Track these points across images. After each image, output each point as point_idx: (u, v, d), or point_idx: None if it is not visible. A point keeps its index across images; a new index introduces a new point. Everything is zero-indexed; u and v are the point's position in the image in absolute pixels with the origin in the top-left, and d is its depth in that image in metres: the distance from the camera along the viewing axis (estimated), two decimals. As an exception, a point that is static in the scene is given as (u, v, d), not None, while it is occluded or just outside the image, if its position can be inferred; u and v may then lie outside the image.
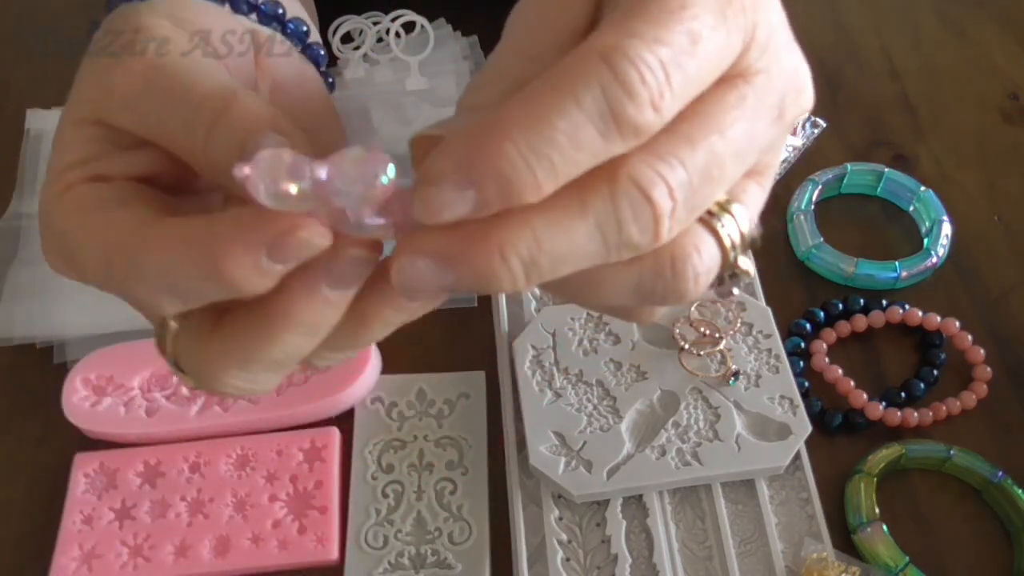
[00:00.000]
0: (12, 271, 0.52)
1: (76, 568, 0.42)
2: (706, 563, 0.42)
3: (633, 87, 0.21)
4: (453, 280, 0.21)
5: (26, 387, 0.49)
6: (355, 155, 0.21)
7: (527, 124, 0.20)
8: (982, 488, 0.45)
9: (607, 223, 0.22)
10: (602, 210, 0.22)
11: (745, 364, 0.46)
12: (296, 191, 0.21)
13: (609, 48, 0.21)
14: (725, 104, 0.23)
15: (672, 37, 0.21)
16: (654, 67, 0.21)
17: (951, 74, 0.63)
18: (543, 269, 0.22)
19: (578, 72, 0.21)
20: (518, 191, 0.20)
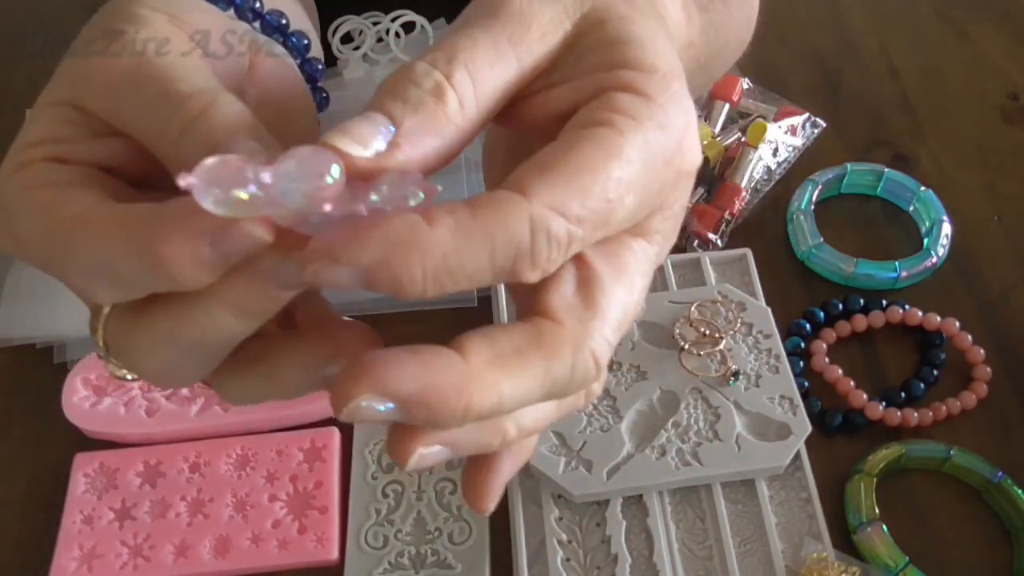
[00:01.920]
0: (12, 271, 0.52)
1: (76, 568, 0.42)
2: (706, 563, 0.42)
3: (539, 260, 0.22)
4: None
5: (26, 387, 0.49)
6: (301, 154, 0.21)
7: (439, 258, 0.21)
8: (982, 488, 0.45)
9: (559, 384, 0.24)
10: (560, 374, 0.24)
11: (745, 364, 0.46)
12: (245, 197, 0.21)
13: (539, 220, 0.22)
14: (634, 260, 0.25)
15: (592, 217, 0.23)
16: (563, 245, 0.22)
17: (951, 74, 0.63)
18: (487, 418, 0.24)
19: (506, 230, 0.22)
20: (404, 294, 0.21)
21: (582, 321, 0.24)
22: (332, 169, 0.21)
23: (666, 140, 0.24)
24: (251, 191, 0.21)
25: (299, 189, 0.21)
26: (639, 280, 0.25)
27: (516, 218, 0.22)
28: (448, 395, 0.22)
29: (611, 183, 0.23)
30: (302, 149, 0.21)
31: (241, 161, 0.21)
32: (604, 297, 0.24)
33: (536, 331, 0.23)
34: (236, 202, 0.21)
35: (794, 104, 0.60)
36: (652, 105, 0.23)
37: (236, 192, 0.21)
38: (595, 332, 0.24)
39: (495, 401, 0.23)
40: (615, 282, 0.25)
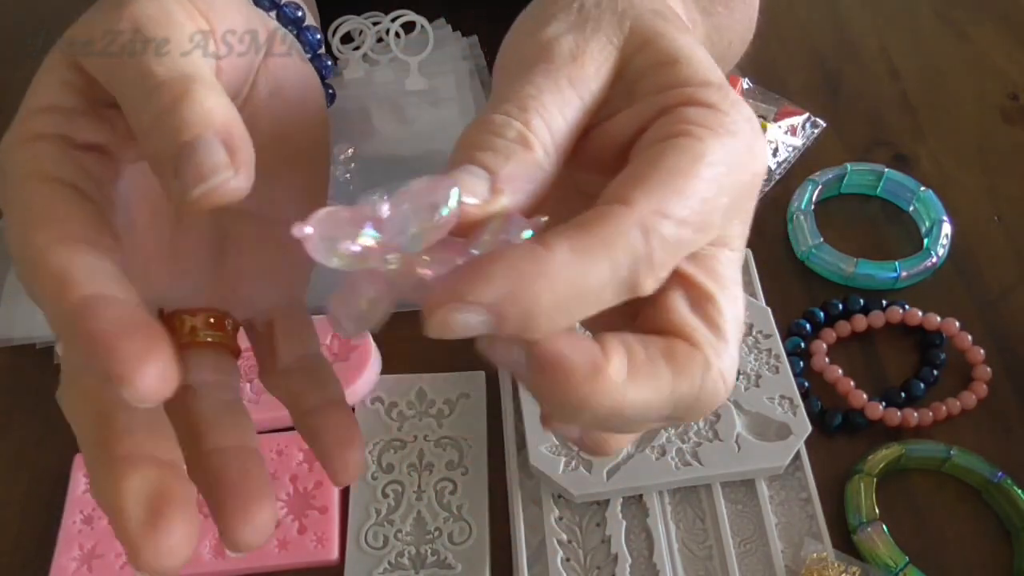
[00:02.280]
0: (12, 271, 0.52)
1: (76, 568, 0.42)
2: (706, 563, 0.42)
3: (655, 264, 0.22)
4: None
5: (26, 387, 0.49)
6: (417, 187, 0.21)
7: (566, 281, 0.21)
8: (982, 488, 0.45)
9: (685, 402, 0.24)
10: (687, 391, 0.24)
11: (745, 364, 0.46)
12: (359, 249, 0.21)
13: (648, 223, 0.22)
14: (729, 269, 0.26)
15: (694, 217, 0.23)
16: (672, 248, 0.23)
17: (951, 74, 0.63)
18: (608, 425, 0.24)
19: (620, 238, 0.22)
20: (532, 331, 0.22)
21: (711, 343, 0.24)
22: (452, 194, 0.21)
23: (739, 144, 0.24)
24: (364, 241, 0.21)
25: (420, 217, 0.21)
26: (737, 290, 0.26)
27: (628, 226, 0.22)
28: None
29: (703, 184, 0.23)
30: (419, 180, 0.22)
31: (350, 210, 0.21)
32: (721, 316, 0.24)
33: (669, 347, 0.24)
34: (346, 254, 0.21)
35: (794, 104, 0.60)
36: (719, 114, 0.24)
37: (348, 244, 0.21)
38: (723, 353, 0.24)
39: (617, 401, 0.22)
40: (723, 297, 0.25)
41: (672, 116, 0.24)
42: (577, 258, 0.21)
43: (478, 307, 0.21)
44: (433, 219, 0.21)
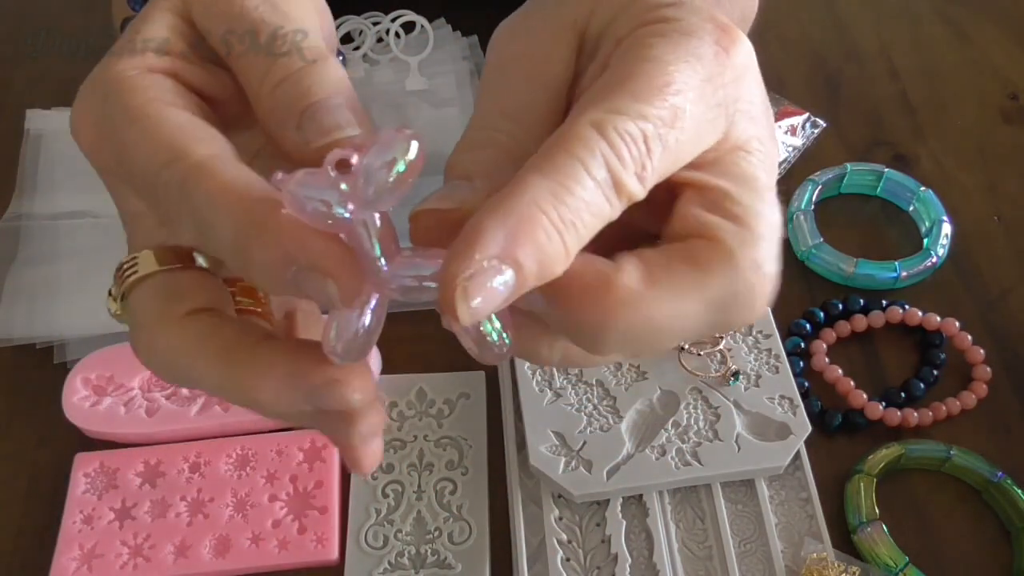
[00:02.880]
0: (12, 271, 0.52)
1: (76, 568, 0.42)
2: (706, 563, 0.42)
3: (625, 159, 0.22)
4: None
5: (26, 387, 0.49)
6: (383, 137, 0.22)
7: (555, 195, 0.21)
8: (982, 488, 0.45)
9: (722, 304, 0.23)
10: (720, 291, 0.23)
11: (745, 364, 0.46)
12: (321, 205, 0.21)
13: (601, 121, 0.22)
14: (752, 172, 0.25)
15: (655, 112, 0.22)
16: (639, 140, 0.22)
17: (951, 74, 0.63)
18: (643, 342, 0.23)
19: (580, 142, 0.22)
20: (552, 264, 0.21)
21: (732, 233, 0.23)
22: (411, 146, 0.21)
23: (696, 42, 0.24)
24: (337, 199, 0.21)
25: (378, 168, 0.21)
26: (765, 189, 0.24)
27: (581, 129, 0.22)
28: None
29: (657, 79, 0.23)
30: (384, 132, 0.22)
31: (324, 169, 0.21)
32: (741, 206, 0.23)
33: (687, 248, 0.23)
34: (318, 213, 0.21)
35: (794, 104, 0.60)
36: (670, 22, 0.24)
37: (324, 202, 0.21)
38: (749, 242, 0.23)
39: (642, 313, 0.22)
40: (742, 192, 0.24)
41: (626, 41, 0.24)
42: (550, 176, 0.21)
43: (492, 264, 0.20)
44: (391, 172, 0.21)
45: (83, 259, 0.52)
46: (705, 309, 0.23)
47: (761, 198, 0.24)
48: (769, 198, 0.24)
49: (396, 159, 0.21)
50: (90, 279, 0.51)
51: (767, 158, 0.25)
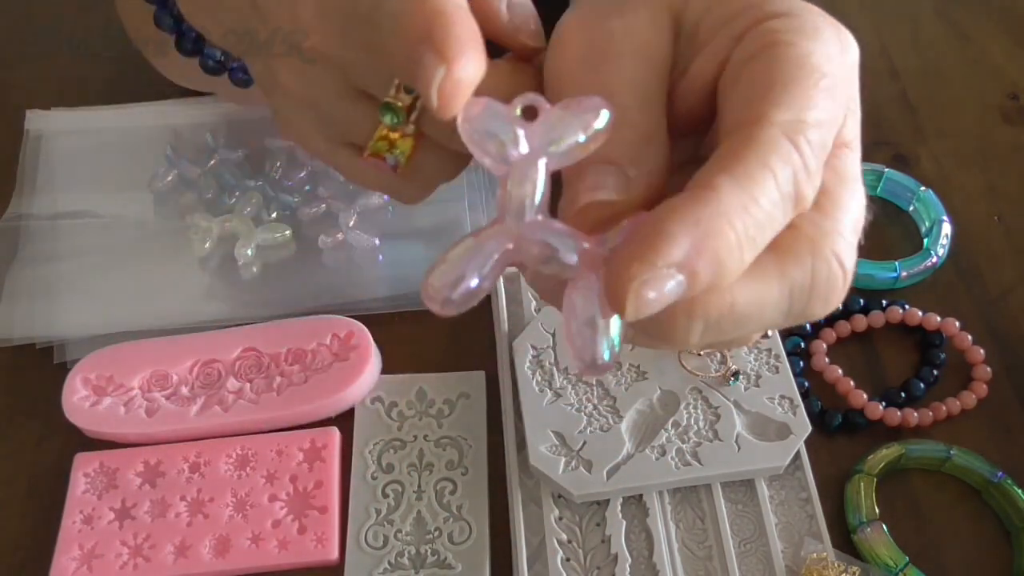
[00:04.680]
0: (12, 271, 0.52)
1: (76, 568, 0.42)
2: (706, 563, 0.42)
3: (811, 170, 0.22)
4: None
5: (26, 387, 0.49)
6: (571, 102, 0.22)
7: (745, 208, 0.21)
8: (982, 488, 0.45)
9: (801, 292, 0.23)
10: (800, 279, 0.23)
11: (745, 364, 0.46)
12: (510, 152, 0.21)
13: (791, 129, 0.22)
14: (850, 169, 0.25)
15: (823, 117, 0.23)
16: (819, 150, 0.22)
17: (951, 74, 0.63)
18: (723, 330, 0.23)
19: (773, 152, 0.22)
20: (728, 276, 0.21)
21: (816, 223, 0.23)
22: (602, 114, 0.22)
23: (827, 38, 0.24)
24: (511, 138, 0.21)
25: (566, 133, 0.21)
26: (858, 187, 0.25)
27: (777, 139, 0.22)
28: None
29: (821, 82, 0.23)
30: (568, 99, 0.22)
31: (509, 108, 0.22)
32: (830, 200, 0.24)
33: None
34: (499, 155, 0.22)
35: (794, 104, 0.60)
36: (795, 19, 0.24)
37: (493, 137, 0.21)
38: (832, 232, 0.23)
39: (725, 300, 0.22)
40: (839, 186, 0.24)
41: (752, 36, 0.24)
42: (742, 185, 0.21)
43: (669, 271, 0.20)
44: (586, 129, 0.21)
45: (83, 259, 0.52)
46: (786, 296, 0.23)
47: (852, 194, 0.24)
48: (858, 196, 0.25)
49: (589, 122, 0.21)
50: (90, 279, 0.51)
51: (859, 155, 0.26)
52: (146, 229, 0.54)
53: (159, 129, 0.58)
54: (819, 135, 0.22)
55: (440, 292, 0.23)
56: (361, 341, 0.47)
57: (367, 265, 0.52)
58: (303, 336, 0.48)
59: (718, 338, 0.23)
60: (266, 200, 0.53)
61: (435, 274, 0.23)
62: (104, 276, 0.51)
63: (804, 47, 0.23)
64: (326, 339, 0.48)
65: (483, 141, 0.22)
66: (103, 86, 0.61)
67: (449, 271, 0.22)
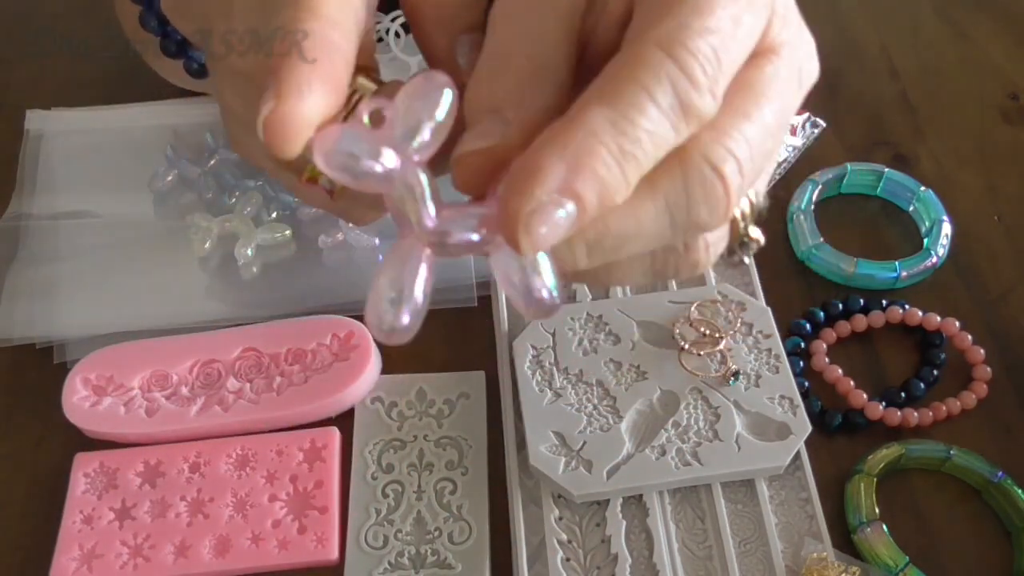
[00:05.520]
0: (12, 271, 0.52)
1: (76, 568, 0.42)
2: (706, 563, 0.42)
3: (697, 78, 0.21)
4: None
5: (26, 387, 0.49)
6: (411, 87, 0.21)
7: (615, 125, 0.20)
8: (982, 488, 0.45)
9: (677, 204, 0.22)
10: (673, 190, 0.22)
11: (745, 364, 0.46)
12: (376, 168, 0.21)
13: (667, 41, 0.21)
14: (764, 79, 0.24)
15: (718, 24, 0.22)
16: (709, 56, 0.21)
17: (951, 74, 0.63)
18: (607, 249, 0.22)
19: (645, 67, 0.21)
20: (612, 195, 0.21)
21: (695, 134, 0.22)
22: (444, 93, 0.21)
23: None
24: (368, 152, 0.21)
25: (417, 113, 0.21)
26: (770, 97, 0.24)
27: (648, 52, 0.21)
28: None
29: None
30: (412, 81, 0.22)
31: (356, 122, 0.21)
32: (722, 109, 0.22)
33: None
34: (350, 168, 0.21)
35: (794, 104, 0.59)
36: None
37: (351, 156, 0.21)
38: (706, 140, 0.22)
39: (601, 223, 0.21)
40: (738, 95, 0.23)
41: None
42: (611, 105, 0.20)
43: (553, 198, 0.20)
44: (431, 120, 0.21)
45: (83, 259, 0.52)
46: (662, 208, 0.22)
47: (754, 103, 0.23)
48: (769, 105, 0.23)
49: (435, 105, 0.21)
50: (90, 279, 0.51)
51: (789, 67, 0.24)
52: (146, 229, 0.54)
53: (159, 129, 0.58)
54: (709, 42, 0.21)
55: (384, 322, 0.22)
56: (361, 341, 0.47)
57: (367, 265, 0.52)
58: (303, 336, 0.48)
59: (609, 257, 0.23)
60: (266, 200, 0.53)
61: (372, 306, 0.22)
62: (104, 276, 0.51)
63: None
64: (326, 339, 0.48)
65: (347, 167, 0.21)
66: (103, 86, 0.61)
67: (383, 299, 0.22)
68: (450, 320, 0.50)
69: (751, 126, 0.23)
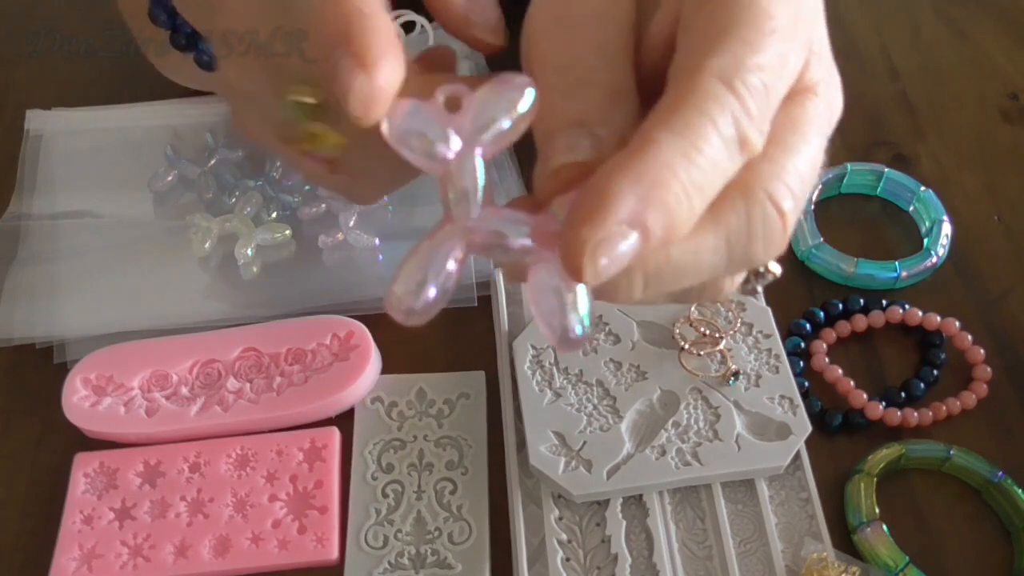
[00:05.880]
0: (12, 271, 0.52)
1: (76, 568, 0.42)
2: (706, 563, 0.42)
3: (753, 114, 0.22)
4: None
5: (26, 387, 0.49)
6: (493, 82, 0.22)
7: (686, 156, 0.21)
8: (982, 488, 0.45)
9: (738, 238, 0.23)
10: (736, 224, 0.23)
11: (745, 364, 0.46)
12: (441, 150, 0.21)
13: (726, 75, 0.21)
14: (807, 116, 0.24)
15: (768, 60, 0.22)
16: (760, 92, 0.22)
17: (951, 74, 0.63)
18: (664, 281, 0.23)
19: (709, 98, 0.21)
20: (679, 226, 0.21)
21: (753, 167, 0.23)
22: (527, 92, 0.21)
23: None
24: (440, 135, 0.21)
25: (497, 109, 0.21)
26: (814, 134, 0.24)
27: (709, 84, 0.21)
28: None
29: (766, 24, 0.22)
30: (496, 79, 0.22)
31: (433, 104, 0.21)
32: (774, 144, 0.23)
33: None
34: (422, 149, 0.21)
35: (794, 104, 0.59)
36: None
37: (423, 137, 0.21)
38: (768, 175, 0.23)
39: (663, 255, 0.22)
40: (787, 131, 0.24)
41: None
42: (682, 135, 0.21)
43: (620, 229, 0.20)
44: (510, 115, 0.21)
45: (83, 259, 0.52)
46: (722, 242, 0.23)
47: (802, 139, 0.24)
48: (812, 141, 0.24)
49: (514, 103, 0.21)
50: (90, 279, 0.51)
51: (828, 107, 0.25)
52: (146, 229, 0.54)
53: (159, 129, 0.58)
54: (761, 78, 0.22)
55: (403, 302, 0.22)
56: (361, 341, 0.47)
57: (367, 265, 0.52)
58: (303, 336, 0.48)
59: (663, 289, 0.23)
60: (266, 200, 0.53)
61: (397, 284, 0.22)
62: (104, 276, 0.51)
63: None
64: (326, 339, 0.48)
65: (412, 143, 0.21)
66: (103, 86, 0.61)
67: (409, 279, 0.22)
68: (450, 320, 0.50)
69: (802, 161, 0.24)
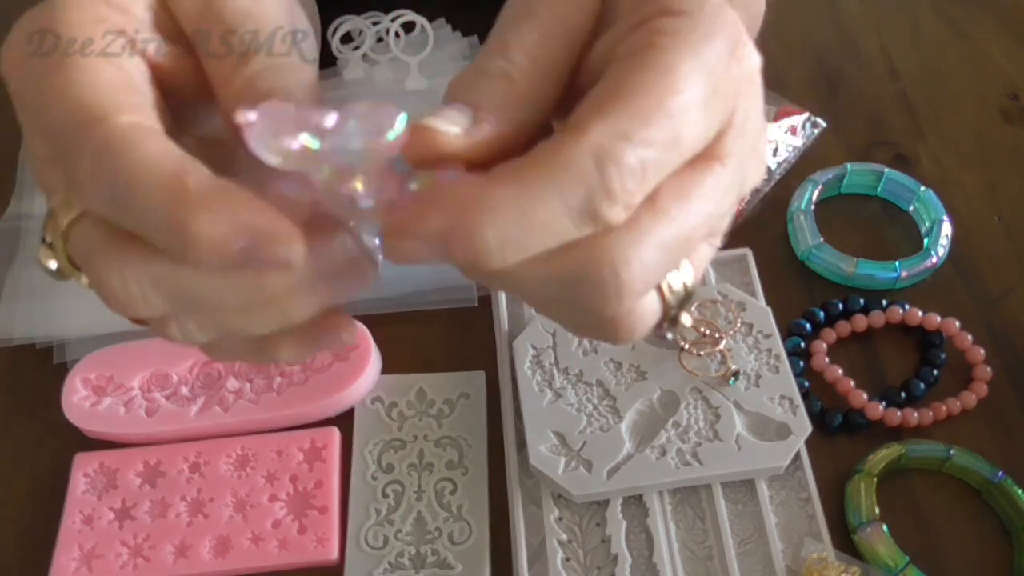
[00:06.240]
0: (12, 271, 0.52)
1: (76, 568, 0.42)
2: (706, 563, 0.42)
3: (615, 193, 0.21)
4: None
5: (26, 387, 0.49)
6: (363, 108, 0.21)
7: (510, 213, 0.21)
8: (982, 488, 0.45)
9: (567, 282, 0.23)
10: (568, 273, 0.23)
11: (745, 364, 0.46)
12: (298, 147, 0.20)
13: (600, 151, 0.21)
14: (703, 186, 0.24)
15: (657, 136, 0.22)
16: (635, 172, 0.21)
17: (951, 74, 0.63)
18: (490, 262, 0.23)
19: (568, 169, 0.21)
20: (483, 263, 0.21)
21: (612, 232, 0.22)
22: (399, 120, 0.21)
23: (715, 47, 0.23)
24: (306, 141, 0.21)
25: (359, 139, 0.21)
26: (704, 203, 0.24)
27: (578, 155, 0.21)
28: None
29: (669, 99, 0.22)
30: (362, 104, 0.21)
31: (297, 107, 0.21)
32: (647, 208, 0.22)
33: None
34: (286, 150, 0.21)
35: (794, 104, 0.60)
36: (691, 19, 0.23)
37: (291, 140, 0.21)
38: (623, 242, 0.22)
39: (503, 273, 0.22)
40: (669, 198, 0.23)
41: (640, 31, 0.23)
42: (521, 192, 0.21)
43: (424, 238, 0.21)
44: (378, 140, 0.21)
45: (83, 259, 0.52)
46: (554, 282, 0.23)
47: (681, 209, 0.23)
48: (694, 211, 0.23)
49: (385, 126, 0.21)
50: (90, 279, 0.51)
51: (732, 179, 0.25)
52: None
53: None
54: (641, 155, 0.21)
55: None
56: (361, 341, 0.47)
57: (367, 265, 0.52)
58: (303, 336, 0.48)
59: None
60: (266, 200, 0.53)
61: None
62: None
63: (677, 56, 0.22)
64: (326, 339, 0.48)
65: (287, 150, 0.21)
66: (103, 86, 0.61)
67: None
68: (450, 320, 0.50)
69: (672, 232, 0.23)
